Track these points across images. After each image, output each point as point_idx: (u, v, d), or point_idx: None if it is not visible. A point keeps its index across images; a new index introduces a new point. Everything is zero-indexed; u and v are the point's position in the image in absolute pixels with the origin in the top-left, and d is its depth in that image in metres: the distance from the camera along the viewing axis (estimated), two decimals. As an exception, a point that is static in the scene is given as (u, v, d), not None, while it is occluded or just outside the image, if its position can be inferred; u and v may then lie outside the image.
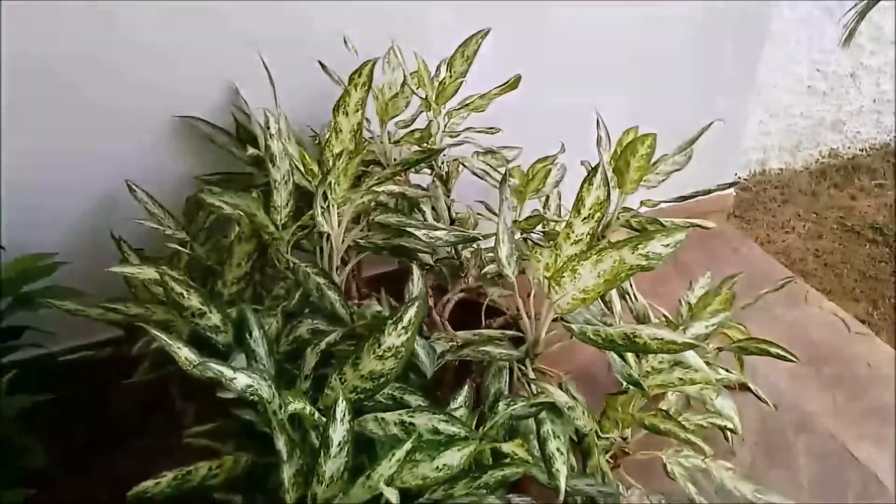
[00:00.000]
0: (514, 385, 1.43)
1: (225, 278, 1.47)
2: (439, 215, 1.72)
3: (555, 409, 1.27)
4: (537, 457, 1.23)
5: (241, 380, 1.15)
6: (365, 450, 1.28)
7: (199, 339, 1.33)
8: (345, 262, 1.58)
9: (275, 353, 1.34)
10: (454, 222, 1.80)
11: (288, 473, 1.12)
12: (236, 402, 1.36)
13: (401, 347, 1.19)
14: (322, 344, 1.31)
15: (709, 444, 1.49)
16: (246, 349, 1.30)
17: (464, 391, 1.29)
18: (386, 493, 1.07)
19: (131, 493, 1.15)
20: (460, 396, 1.27)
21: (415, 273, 1.45)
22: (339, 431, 1.10)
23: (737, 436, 1.57)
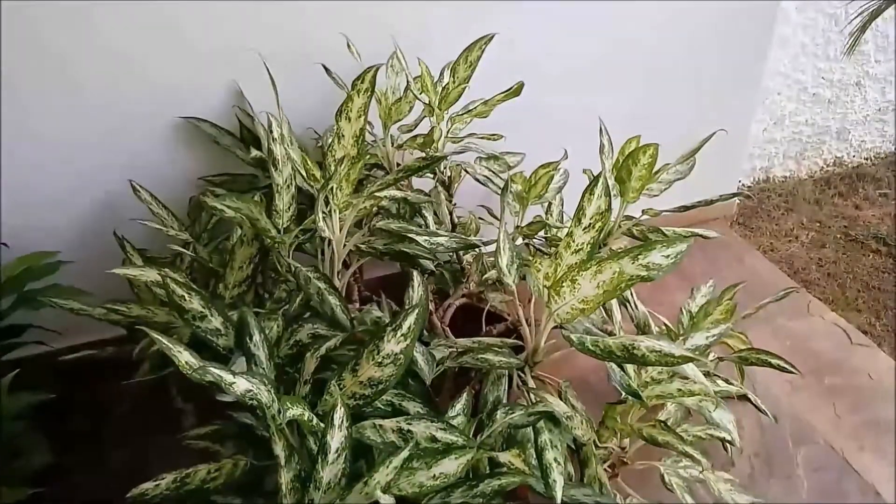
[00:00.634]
0: (513, 393, 1.43)
1: (226, 281, 1.48)
2: (441, 220, 1.73)
3: (553, 419, 1.27)
4: (534, 466, 1.23)
5: (240, 384, 1.15)
6: (363, 456, 1.28)
7: (201, 341, 1.33)
8: (346, 265, 1.59)
9: (275, 357, 1.34)
10: (456, 228, 1.81)
11: (286, 478, 1.13)
12: (235, 404, 1.37)
13: (400, 355, 1.19)
14: (322, 349, 1.32)
15: (708, 455, 1.49)
16: (246, 353, 1.30)
17: (462, 399, 1.29)
18: (382, 500, 1.07)
19: (131, 495, 1.16)
20: (458, 404, 1.28)
21: (415, 279, 1.45)
22: (336, 438, 1.10)
23: (737, 449, 1.56)
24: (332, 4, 1.74)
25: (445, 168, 1.80)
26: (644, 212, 1.67)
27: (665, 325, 1.73)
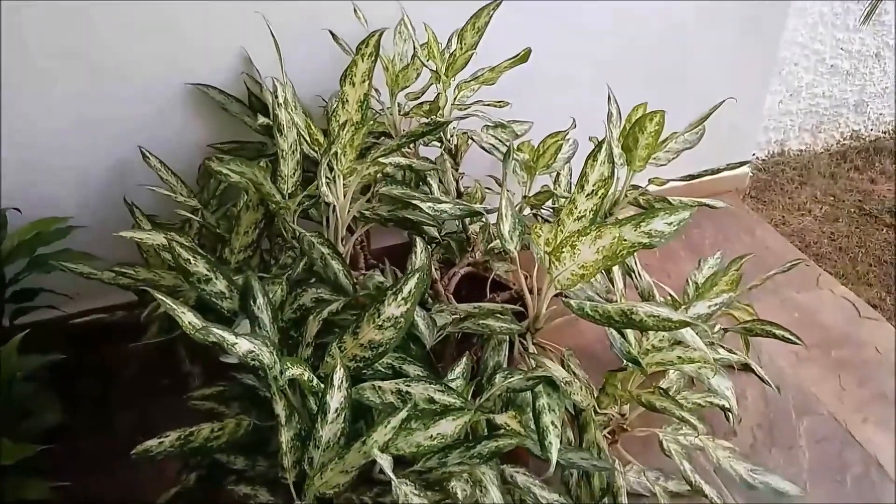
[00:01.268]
0: (514, 360, 1.44)
1: (232, 246, 1.49)
2: (446, 189, 1.73)
3: (551, 384, 1.28)
4: (532, 429, 1.24)
5: (242, 345, 1.17)
6: (363, 417, 1.30)
7: (206, 304, 1.35)
8: (351, 231, 1.60)
9: (279, 321, 1.36)
10: (461, 196, 1.81)
11: (286, 437, 1.15)
12: (240, 367, 1.40)
13: (400, 318, 1.20)
14: (324, 313, 1.33)
15: (711, 425, 1.51)
16: (250, 315, 1.32)
17: (462, 363, 1.30)
18: (379, 459, 1.09)
19: (135, 451, 1.19)
20: (458, 368, 1.29)
21: (418, 245, 1.46)
22: (336, 398, 1.12)
23: (735, 416, 1.57)
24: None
25: (452, 136, 1.79)
26: (651, 181, 1.66)
27: (670, 295, 1.73)
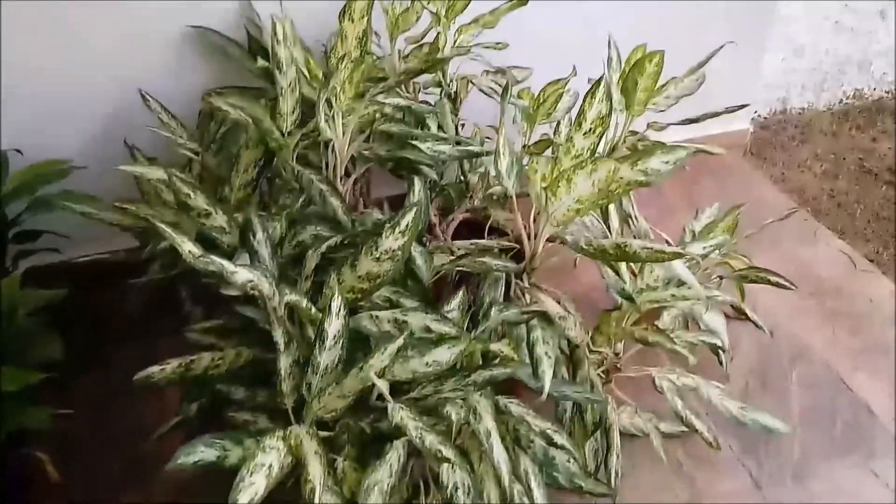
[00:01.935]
0: (511, 299, 1.46)
1: (232, 184, 1.50)
2: (446, 133, 1.73)
3: (546, 318, 1.30)
4: (526, 363, 1.26)
5: (241, 274, 1.18)
6: (360, 349, 1.32)
7: (206, 240, 1.36)
8: (349, 175, 1.61)
9: (278, 257, 1.37)
10: (460, 143, 1.81)
11: (285, 363, 1.17)
12: (240, 302, 1.42)
13: (398, 251, 1.21)
14: (322, 247, 1.34)
15: (704, 371, 1.52)
16: (250, 250, 1.33)
17: (458, 296, 1.32)
18: (377, 383, 1.12)
19: (137, 377, 1.21)
20: (454, 301, 1.31)
21: (416, 184, 1.47)
22: (334, 325, 1.14)
23: (727, 354, 1.59)
24: None
25: (452, 81, 1.79)
26: (649, 125, 1.66)
27: (666, 241, 1.74)
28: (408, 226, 1.22)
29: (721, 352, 1.57)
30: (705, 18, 2.26)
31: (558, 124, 1.89)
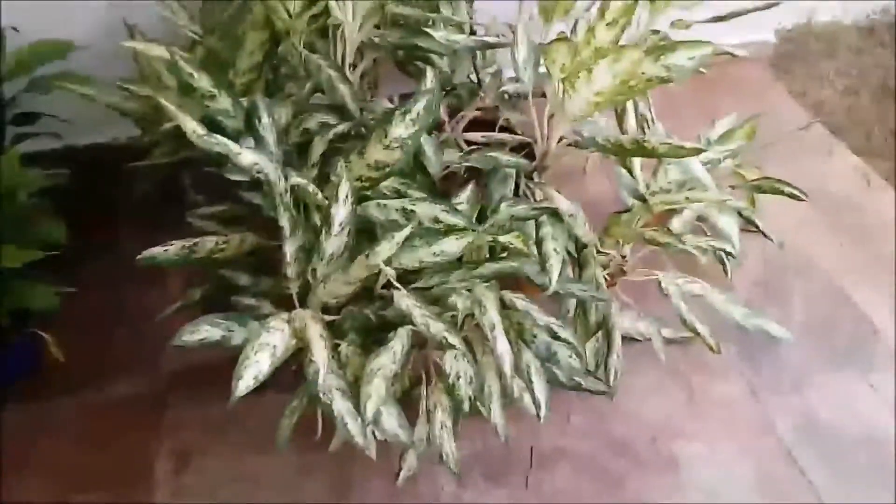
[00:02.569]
0: (520, 198, 1.43)
1: (237, 67, 1.45)
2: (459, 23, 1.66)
3: (556, 215, 1.28)
4: (534, 259, 1.25)
5: (247, 156, 1.16)
6: (366, 240, 1.31)
7: (210, 124, 1.32)
8: (356, 66, 1.55)
9: (284, 144, 1.34)
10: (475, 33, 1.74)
11: (290, 248, 1.16)
12: (244, 190, 1.39)
13: (408, 139, 1.18)
14: (330, 134, 1.31)
15: (708, 281, 1.52)
16: (255, 135, 1.30)
17: (468, 189, 1.29)
18: (384, 270, 1.11)
19: (140, 257, 1.20)
20: (464, 194, 1.28)
21: (428, 73, 1.41)
22: (341, 211, 1.12)
23: (735, 260, 1.58)
24: None
25: (468, -30, 1.70)
26: (673, 24, 1.59)
27: (681, 147, 1.70)
28: (419, 114, 1.18)
29: (731, 258, 1.56)
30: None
31: (576, 22, 1.81)
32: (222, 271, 1.33)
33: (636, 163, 1.33)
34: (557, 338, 1.20)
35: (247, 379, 0.98)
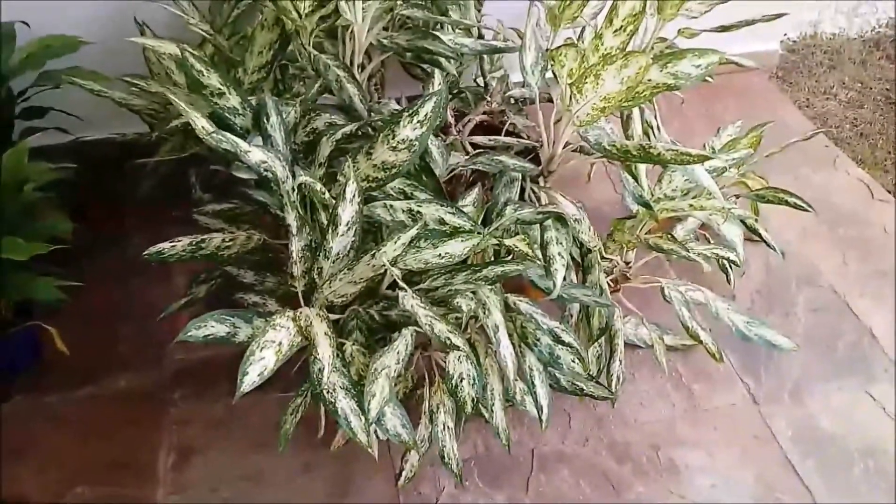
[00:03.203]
0: (525, 202, 1.44)
1: (246, 66, 1.46)
2: (468, 27, 1.67)
3: (561, 220, 1.28)
4: (538, 263, 1.25)
5: (255, 154, 1.16)
6: (372, 241, 1.31)
7: (219, 122, 1.33)
8: (364, 67, 1.56)
9: (291, 143, 1.35)
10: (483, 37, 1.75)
11: (297, 246, 1.16)
12: (251, 188, 1.40)
13: (415, 141, 1.18)
14: (338, 134, 1.31)
15: (711, 289, 1.52)
16: (263, 133, 1.30)
17: (473, 192, 1.30)
18: (390, 270, 1.11)
19: (148, 253, 1.20)
20: (470, 196, 1.29)
21: (437, 76, 1.42)
22: (347, 210, 1.12)
23: (738, 269, 1.58)
24: None
25: (476, -24, 1.71)
26: (680, 31, 1.60)
27: (686, 156, 1.70)
28: (427, 115, 1.19)
29: (734, 266, 1.56)
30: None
31: (583, 30, 1.82)
32: (228, 268, 1.34)
33: (642, 169, 1.33)
34: (561, 342, 1.20)
35: (252, 375, 0.98)
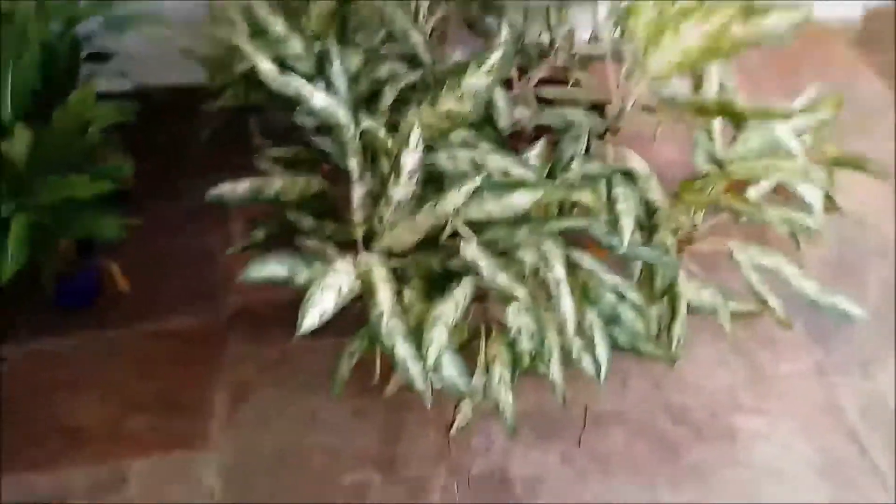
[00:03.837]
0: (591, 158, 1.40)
1: (310, 13, 1.44)
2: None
3: (629, 176, 1.24)
4: (604, 219, 1.22)
5: (319, 99, 1.16)
6: (434, 192, 1.29)
7: (282, 67, 1.32)
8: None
9: (354, 90, 1.33)
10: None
11: (358, 193, 1.15)
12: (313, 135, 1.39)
13: (481, 90, 1.15)
14: (401, 83, 1.29)
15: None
16: (326, 80, 1.29)
17: (539, 144, 1.26)
18: (454, 220, 1.09)
19: (210, 194, 1.21)
20: (535, 149, 1.25)
21: (503, 26, 1.38)
22: (411, 158, 1.10)
23: (813, 233, 1.51)
24: None
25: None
26: (760, -16, 1.52)
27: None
28: (493, 66, 1.16)
29: (811, 233, 1.50)
30: None
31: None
32: (287, 213, 1.34)
33: (716, 128, 1.28)
34: (623, 299, 1.17)
35: (312, 316, 0.98)
